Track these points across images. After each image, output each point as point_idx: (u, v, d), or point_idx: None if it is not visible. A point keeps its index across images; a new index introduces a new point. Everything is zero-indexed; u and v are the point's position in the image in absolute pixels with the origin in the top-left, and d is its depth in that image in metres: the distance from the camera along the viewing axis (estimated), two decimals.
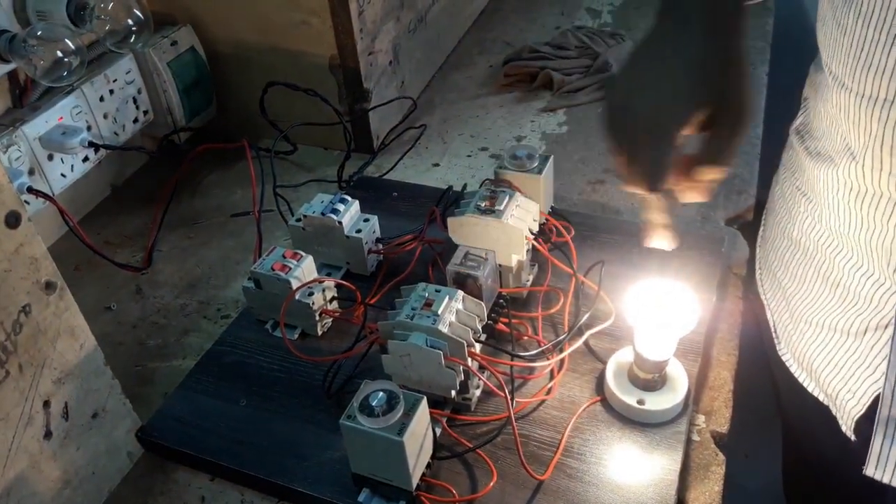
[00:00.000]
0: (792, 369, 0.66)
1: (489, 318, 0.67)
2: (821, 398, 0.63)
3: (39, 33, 0.76)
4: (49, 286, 0.54)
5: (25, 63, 0.76)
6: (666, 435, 0.61)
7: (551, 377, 0.66)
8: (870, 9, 0.46)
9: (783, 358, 0.67)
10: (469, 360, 0.60)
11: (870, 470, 0.57)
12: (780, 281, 0.67)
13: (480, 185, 0.73)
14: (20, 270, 0.52)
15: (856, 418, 0.58)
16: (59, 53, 0.77)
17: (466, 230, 0.69)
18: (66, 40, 0.78)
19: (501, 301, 0.70)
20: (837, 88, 0.51)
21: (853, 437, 0.59)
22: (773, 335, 0.69)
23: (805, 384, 0.64)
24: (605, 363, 0.66)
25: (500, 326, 0.68)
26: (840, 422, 0.60)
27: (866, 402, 0.57)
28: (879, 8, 0.45)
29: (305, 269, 0.70)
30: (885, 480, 0.57)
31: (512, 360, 0.65)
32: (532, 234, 0.71)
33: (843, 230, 0.57)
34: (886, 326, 0.55)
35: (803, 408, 0.66)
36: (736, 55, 0.52)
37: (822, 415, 0.63)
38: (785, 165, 0.68)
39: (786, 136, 0.68)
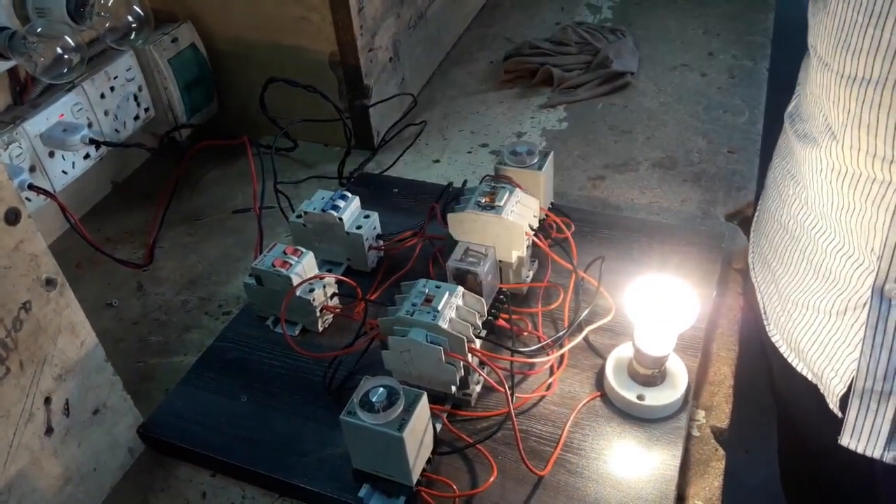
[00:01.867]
0: (781, 350, 0.67)
1: (489, 313, 0.67)
2: (809, 377, 0.64)
3: (39, 30, 0.76)
4: (49, 283, 0.54)
5: (26, 60, 0.76)
6: (666, 430, 0.61)
7: (551, 373, 0.66)
8: None
9: (773, 340, 0.68)
10: (469, 355, 0.60)
11: (844, 440, 0.59)
12: (770, 264, 0.68)
13: (481, 182, 0.73)
14: (20, 267, 0.52)
15: (839, 395, 0.60)
16: (60, 50, 0.77)
17: (467, 226, 0.69)
18: (67, 37, 0.78)
19: (501, 297, 0.70)
20: (821, 68, 0.53)
21: (840, 414, 0.60)
22: (764, 317, 0.70)
23: (794, 365, 0.66)
24: (605, 359, 0.66)
25: (501, 322, 0.68)
26: (827, 400, 0.62)
27: (847, 379, 0.59)
28: None
29: (306, 266, 0.71)
30: (860, 450, 0.59)
31: (512, 355, 0.65)
32: (532, 229, 0.71)
33: (826, 210, 0.58)
34: (864, 305, 0.56)
35: (795, 389, 0.68)
36: None
37: (811, 394, 0.64)
38: (778, 150, 0.69)
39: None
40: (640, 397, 0.62)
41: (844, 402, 0.59)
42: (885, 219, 0.52)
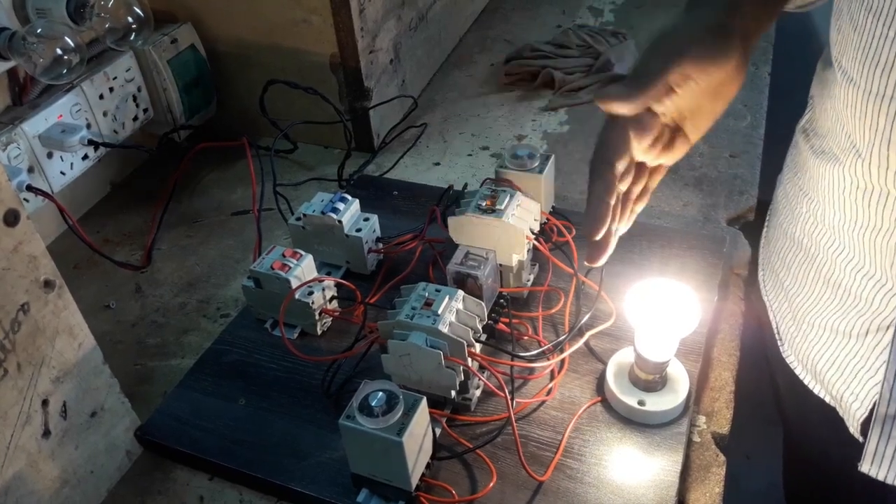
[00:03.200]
0: (797, 371, 0.66)
1: (489, 317, 0.67)
2: (826, 399, 0.62)
3: (39, 31, 0.76)
4: (48, 284, 0.54)
5: (25, 61, 0.76)
6: (666, 436, 0.61)
7: (552, 377, 0.66)
8: (880, 5, 0.46)
9: (787, 360, 0.67)
10: (469, 360, 0.60)
11: (865, 467, 0.57)
12: (783, 282, 0.67)
13: (481, 185, 0.73)
14: (19, 269, 0.51)
15: (860, 420, 0.58)
16: (59, 51, 0.77)
17: (467, 229, 0.69)
18: (66, 38, 0.78)
19: (502, 301, 0.70)
20: (846, 84, 0.51)
21: (861, 439, 0.58)
22: (776, 336, 0.68)
23: (810, 386, 0.64)
24: (605, 364, 0.66)
25: (501, 326, 0.68)
26: (847, 423, 0.60)
27: (868, 403, 0.57)
28: (889, 4, 0.45)
29: (305, 268, 0.70)
30: (881, 478, 0.57)
31: (512, 360, 0.65)
32: (533, 233, 0.71)
33: (847, 228, 0.56)
34: (887, 328, 0.55)
35: (806, 410, 0.66)
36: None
37: (826, 416, 0.62)
38: (788, 165, 0.68)
39: (789, 135, 0.68)
40: (640, 403, 0.62)
41: (866, 426, 0.58)
42: None
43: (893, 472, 0.56)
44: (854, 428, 0.60)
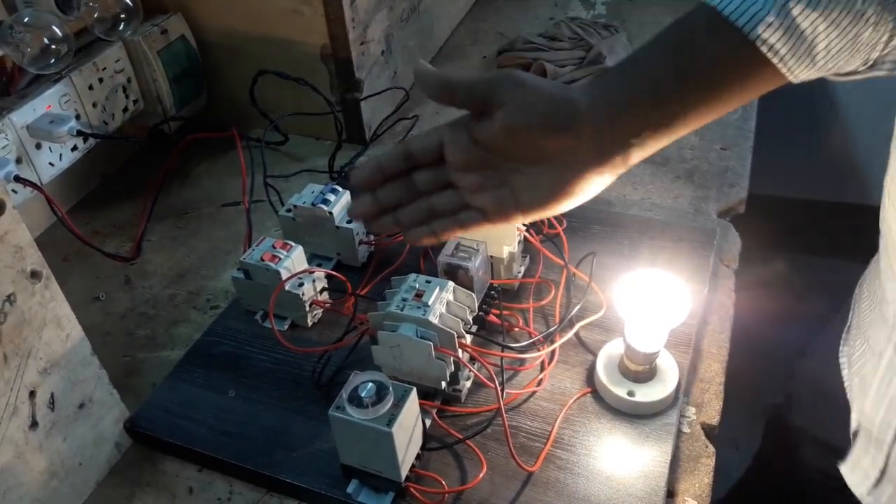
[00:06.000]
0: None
1: (480, 309, 0.67)
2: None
3: (26, 20, 0.75)
4: (34, 275, 0.53)
5: (12, 50, 0.75)
6: (656, 427, 0.61)
7: (542, 369, 0.66)
8: None
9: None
10: (459, 351, 0.60)
11: (844, 469, 0.58)
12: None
13: None
14: (4, 259, 0.51)
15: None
16: (47, 41, 0.76)
17: None
18: (54, 27, 0.77)
19: (492, 292, 0.70)
20: None
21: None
22: (841, 347, 0.67)
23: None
24: (595, 355, 0.66)
25: (491, 318, 0.68)
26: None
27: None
28: None
29: (295, 260, 0.70)
30: (851, 483, 0.58)
31: (502, 351, 0.65)
32: (523, 225, 0.71)
33: None
34: None
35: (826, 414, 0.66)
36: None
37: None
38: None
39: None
40: (630, 393, 0.62)
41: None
42: None
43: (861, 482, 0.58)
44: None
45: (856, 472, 0.59)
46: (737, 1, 0.43)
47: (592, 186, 0.49)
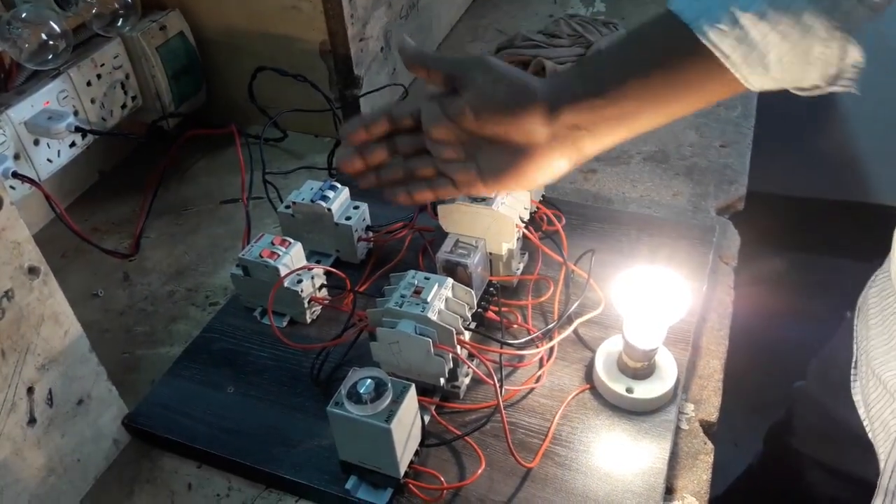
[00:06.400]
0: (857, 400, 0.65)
1: (479, 306, 0.67)
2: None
3: (24, 15, 0.75)
4: (32, 271, 0.53)
5: (10, 46, 0.75)
6: (655, 423, 0.61)
7: (540, 365, 0.66)
8: None
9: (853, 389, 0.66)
10: (458, 347, 0.60)
11: None
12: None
13: None
14: (2, 255, 0.51)
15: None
16: (45, 36, 0.76)
17: (457, 218, 0.69)
18: (52, 23, 0.77)
19: (491, 289, 0.70)
20: None
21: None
22: (854, 362, 0.67)
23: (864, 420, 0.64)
24: (594, 351, 0.66)
25: (490, 315, 0.68)
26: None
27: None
28: None
29: (294, 256, 0.70)
30: None
31: (501, 348, 0.65)
32: (523, 222, 0.70)
33: None
34: None
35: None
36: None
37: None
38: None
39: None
40: (629, 390, 0.62)
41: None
42: None
43: None
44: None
45: None
46: (693, 5, 0.46)
47: (547, 169, 0.53)
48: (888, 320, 0.61)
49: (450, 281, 0.62)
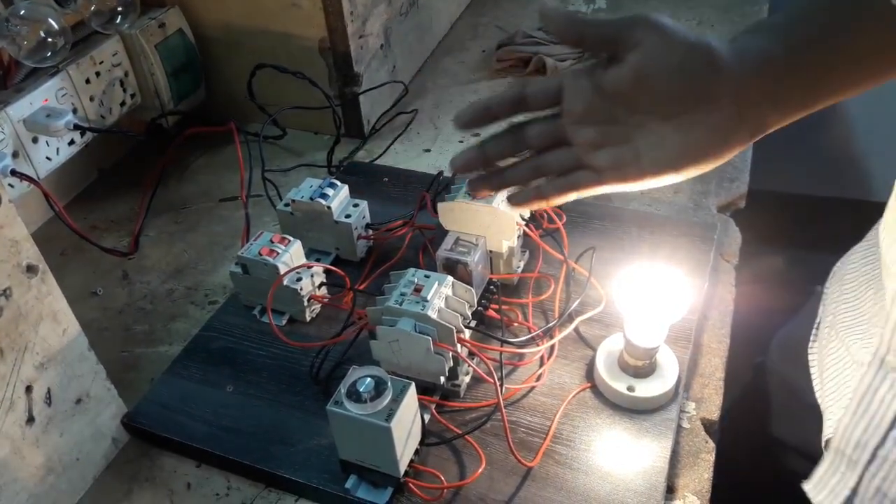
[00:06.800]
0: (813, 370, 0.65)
1: (479, 304, 0.66)
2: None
3: (23, 13, 0.75)
4: (30, 269, 0.53)
5: (9, 43, 0.75)
6: (656, 422, 0.61)
7: (541, 364, 0.66)
8: None
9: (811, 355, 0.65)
10: (458, 346, 0.60)
11: (808, 486, 0.57)
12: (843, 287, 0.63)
13: None
14: (0, 253, 0.51)
15: (825, 440, 0.58)
16: (43, 34, 0.76)
17: (457, 215, 0.69)
18: (50, 20, 0.76)
19: (492, 287, 0.70)
20: None
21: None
22: (814, 330, 0.66)
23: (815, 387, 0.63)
24: (595, 350, 0.66)
25: (490, 313, 0.68)
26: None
27: (830, 430, 0.57)
28: None
29: (293, 254, 0.70)
30: (815, 502, 0.57)
31: (502, 346, 0.65)
32: (523, 220, 0.70)
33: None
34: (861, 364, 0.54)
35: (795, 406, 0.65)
36: None
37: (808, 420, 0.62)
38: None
39: None
40: (630, 388, 0.61)
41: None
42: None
43: (829, 501, 0.56)
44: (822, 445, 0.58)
45: (822, 490, 0.56)
46: None
47: (723, 151, 0.45)
48: (863, 287, 0.58)
49: (450, 279, 0.62)
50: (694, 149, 0.44)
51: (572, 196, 0.48)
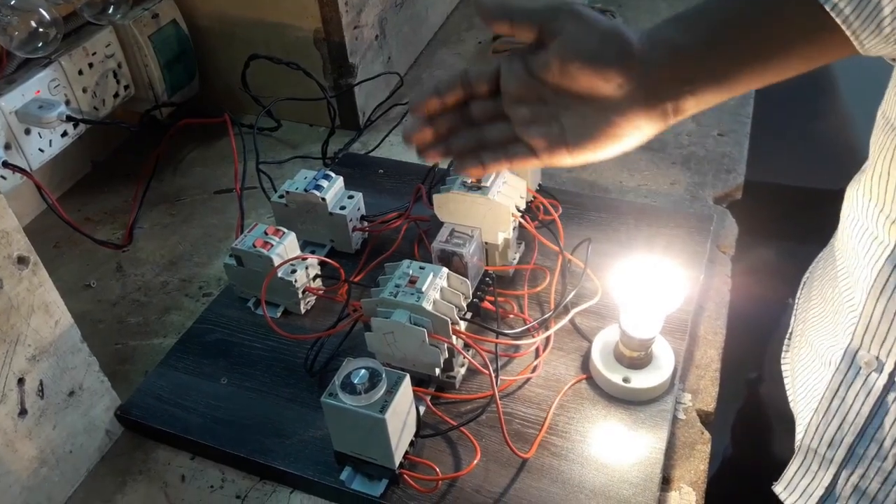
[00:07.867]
0: (785, 374, 0.65)
1: (475, 295, 0.66)
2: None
3: (14, 3, 0.74)
4: (21, 261, 0.53)
5: (0, 34, 0.74)
6: (651, 413, 0.61)
7: (536, 355, 0.65)
8: None
9: (783, 364, 0.66)
10: (453, 337, 0.60)
11: (778, 488, 0.57)
12: (812, 292, 0.64)
13: None
14: None
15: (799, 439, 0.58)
16: (35, 24, 0.75)
17: (452, 207, 0.68)
18: (42, 10, 0.76)
19: (487, 279, 0.69)
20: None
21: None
22: (787, 337, 0.67)
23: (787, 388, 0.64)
24: (591, 341, 0.65)
25: (486, 304, 0.68)
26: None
27: (801, 428, 0.57)
28: None
29: (288, 246, 0.69)
30: (789, 503, 0.57)
31: (497, 337, 0.64)
32: (519, 211, 0.70)
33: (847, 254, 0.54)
34: (829, 364, 0.54)
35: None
36: None
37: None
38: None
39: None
40: (625, 380, 0.61)
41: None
42: (869, 278, 0.49)
43: (802, 503, 0.56)
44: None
45: (794, 492, 0.57)
46: None
47: (639, 131, 0.47)
48: (826, 287, 0.60)
49: (445, 270, 0.62)
50: (610, 129, 0.47)
51: (506, 167, 0.52)
